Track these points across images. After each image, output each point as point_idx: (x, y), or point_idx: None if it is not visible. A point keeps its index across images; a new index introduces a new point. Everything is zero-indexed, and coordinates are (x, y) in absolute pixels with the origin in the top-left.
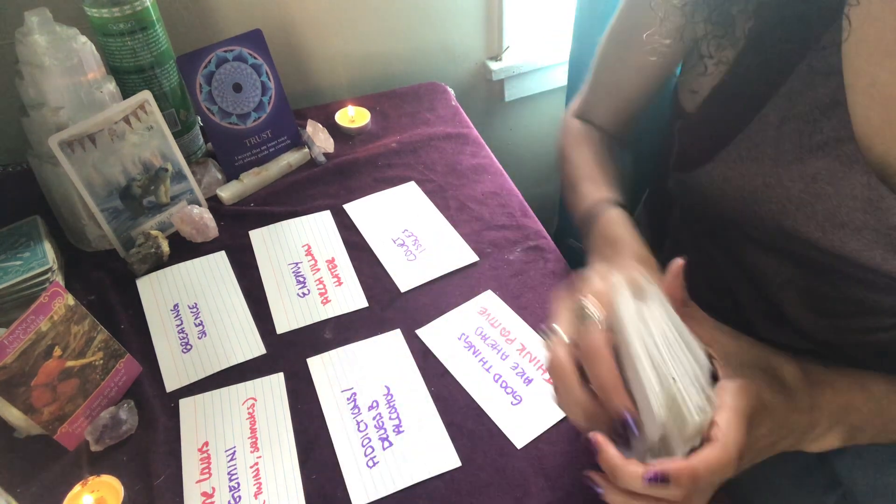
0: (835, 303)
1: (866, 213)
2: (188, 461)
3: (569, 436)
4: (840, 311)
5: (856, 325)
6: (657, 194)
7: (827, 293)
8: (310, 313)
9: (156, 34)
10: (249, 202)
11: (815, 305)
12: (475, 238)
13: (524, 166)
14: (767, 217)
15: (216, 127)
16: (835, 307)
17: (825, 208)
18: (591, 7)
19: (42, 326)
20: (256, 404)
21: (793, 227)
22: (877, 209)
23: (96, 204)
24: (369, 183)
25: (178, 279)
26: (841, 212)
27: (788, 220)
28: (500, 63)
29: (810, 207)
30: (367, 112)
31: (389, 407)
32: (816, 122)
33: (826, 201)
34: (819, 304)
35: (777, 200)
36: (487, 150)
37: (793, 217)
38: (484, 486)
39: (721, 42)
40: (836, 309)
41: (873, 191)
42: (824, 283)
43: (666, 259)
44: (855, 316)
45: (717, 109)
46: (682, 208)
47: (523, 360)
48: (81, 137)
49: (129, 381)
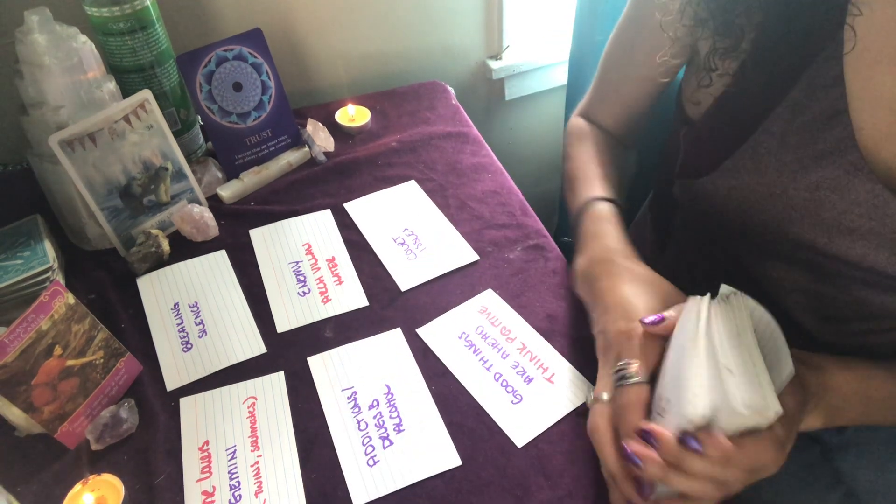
0: (841, 306)
1: (871, 219)
2: (189, 460)
3: (569, 435)
4: (845, 315)
5: (861, 327)
6: (662, 198)
7: (833, 297)
8: (310, 312)
9: (156, 33)
10: (250, 201)
11: (820, 309)
12: (475, 237)
13: (524, 165)
14: (772, 225)
15: (216, 126)
16: (841, 311)
17: (830, 215)
18: (591, 7)
19: (42, 325)
20: (257, 403)
21: (798, 234)
22: (882, 214)
23: (96, 203)
24: (369, 182)
25: (179, 278)
26: (846, 218)
27: (794, 227)
28: (500, 62)
29: (815, 215)
30: (368, 111)
31: (390, 406)
32: (819, 133)
33: (831, 208)
34: (824, 308)
35: (782, 209)
36: (488, 149)
37: (798, 224)
38: (484, 485)
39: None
40: (842, 312)
41: (878, 197)
42: (830, 286)
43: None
44: (860, 319)
45: (721, 120)
46: (687, 213)
47: (524, 358)
48: (81, 136)
49: (130, 380)
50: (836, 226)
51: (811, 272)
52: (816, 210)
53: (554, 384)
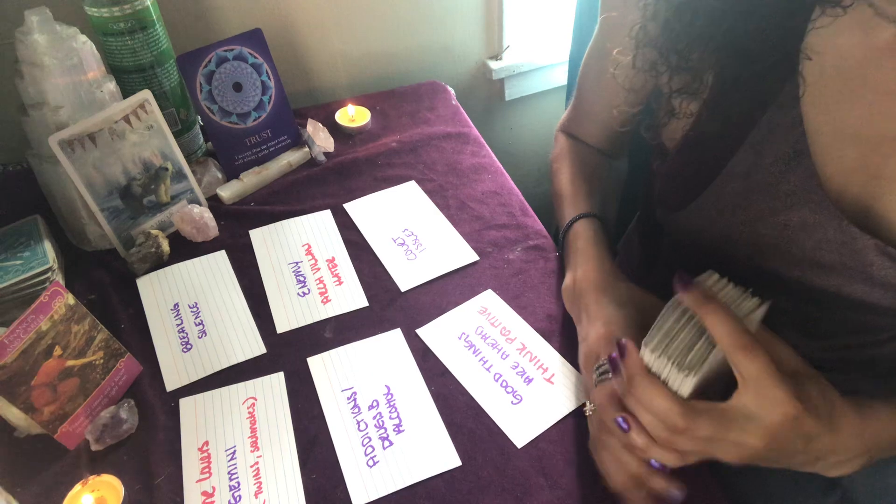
0: (825, 325)
1: (842, 255)
2: (188, 460)
3: (569, 435)
4: (831, 332)
5: (844, 342)
6: (647, 220)
7: (817, 317)
8: (310, 313)
9: (156, 33)
10: (249, 201)
11: (804, 328)
12: (475, 237)
13: (524, 165)
14: (744, 260)
15: (216, 126)
16: (824, 329)
17: (800, 252)
18: (590, 7)
19: (42, 326)
20: (257, 404)
21: (771, 268)
22: (851, 250)
23: (96, 203)
24: (369, 182)
25: (179, 278)
26: (817, 255)
27: (766, 262)
28: (500, 62)
29: (786, 252)
30: (367, 111)
31: (389, 406)
32: (782, 174)
33: (800, 245)
34: (808, 327)
35: (752, 245)
36: (488, 150)
37: (770, 259)
38: (484, 485)
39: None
40: (826, 330)
41: (845, 233)
42: (813, 308)
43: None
44: (844, 335)
45: (688, 158)
46: (672, 237)
47: (523, 359)
48: (81, 137)
49: (130, 381)
50: (808, 261)
51: (792, 297)
52: (787, 247)
53: (554, 384)
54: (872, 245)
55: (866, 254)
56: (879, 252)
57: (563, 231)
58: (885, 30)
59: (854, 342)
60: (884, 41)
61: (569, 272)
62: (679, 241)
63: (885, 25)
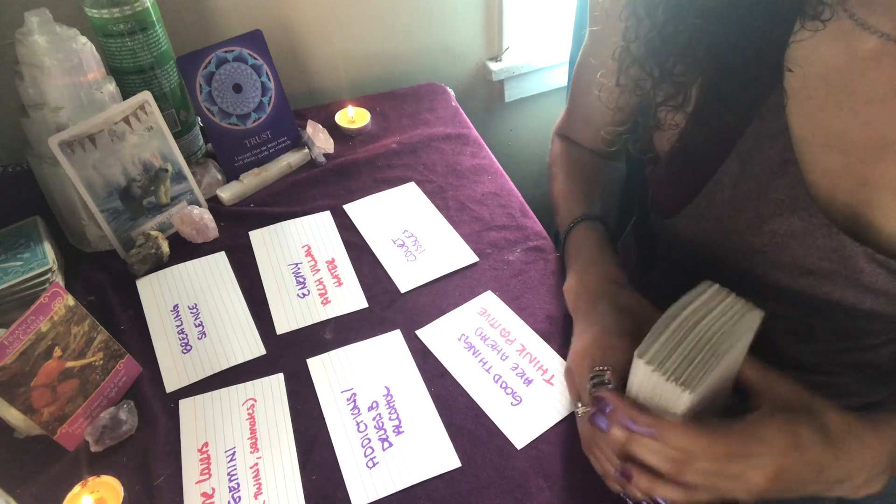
0: (818, 330)
1: (832, 262)
2: (188, 462)
3: (568, 436)
4: (823, 337)
5: (838, 346)
6: (643, 224)
7: (810, 323)
8: (310, 314)
9: (156, 35)
10: (249, 203)
11: (797, 332)
12: (475, 239)
13: (524, 167)
14: (736, 266)
15: (216, 127)
16: (818, 334)
17: (791, 259)
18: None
19: (42, 327)
20: (256, 405)
21: (763, 275)
22: (841, 257)
23: (96, 204)
24: (369, 183)
25: (178, 280)
26: (807, 262)
27: (758, 268)
28: (500, 63)
29: (776, 258)
30: (367, 112)
31: (389, 407)
32: (770, 182)
33: (790, 252)
34: (801, 332)
35: (743, 252)
36: (487, 151)
37: (761, 266)
38: (484, 486)
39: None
40: (819, 335)
41: (835, 240)
42: (807, 313)
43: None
44: (838, 340)
45: (678, 166)
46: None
47: (523, 360)
48: (81, 138)
49: (129, 382)
50: (798, 268)
51: (785, 303)
52: (777, 255)
53: (553, 386)
54: (862, 252)
55: (856, 261)
56: (869, 259)
57: (565, 234)
58: (867, 40)
59: (849, 346)
60: (866, 51)
61: (569, 275)
62: (673, 246)
63: (866, 36)
